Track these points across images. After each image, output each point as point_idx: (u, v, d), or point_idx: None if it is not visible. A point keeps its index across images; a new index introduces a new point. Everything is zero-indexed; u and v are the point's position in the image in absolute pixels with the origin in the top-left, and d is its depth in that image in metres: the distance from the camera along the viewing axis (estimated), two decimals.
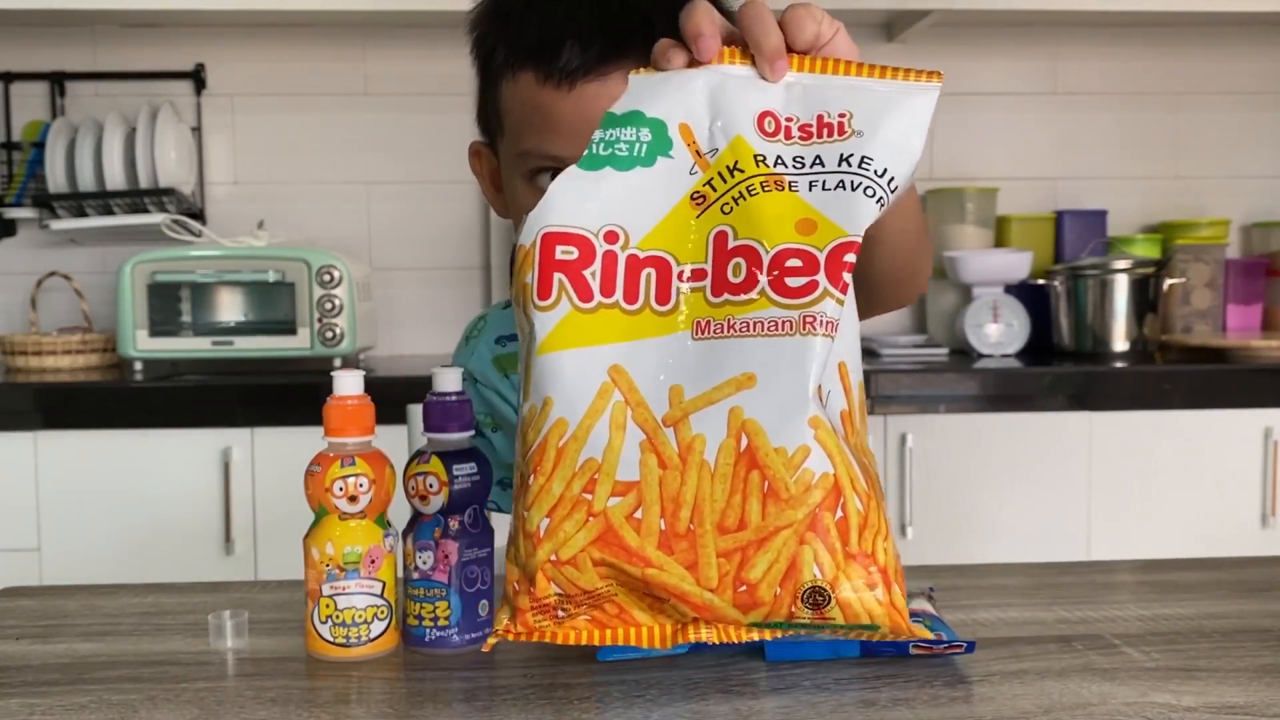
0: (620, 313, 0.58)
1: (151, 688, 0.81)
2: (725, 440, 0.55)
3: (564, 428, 0.57)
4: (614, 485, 0.56)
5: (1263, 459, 2.11)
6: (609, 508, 0.56)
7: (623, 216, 0.59)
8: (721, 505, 0.56)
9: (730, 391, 0.55)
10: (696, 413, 0.56)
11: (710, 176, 0.60)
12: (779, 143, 0.60)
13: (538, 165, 0.90)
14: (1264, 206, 2.72)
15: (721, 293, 0.58)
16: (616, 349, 0.57)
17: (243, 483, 2.02)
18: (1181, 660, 0.85)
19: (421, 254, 2.61)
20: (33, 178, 2.51)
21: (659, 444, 0.55)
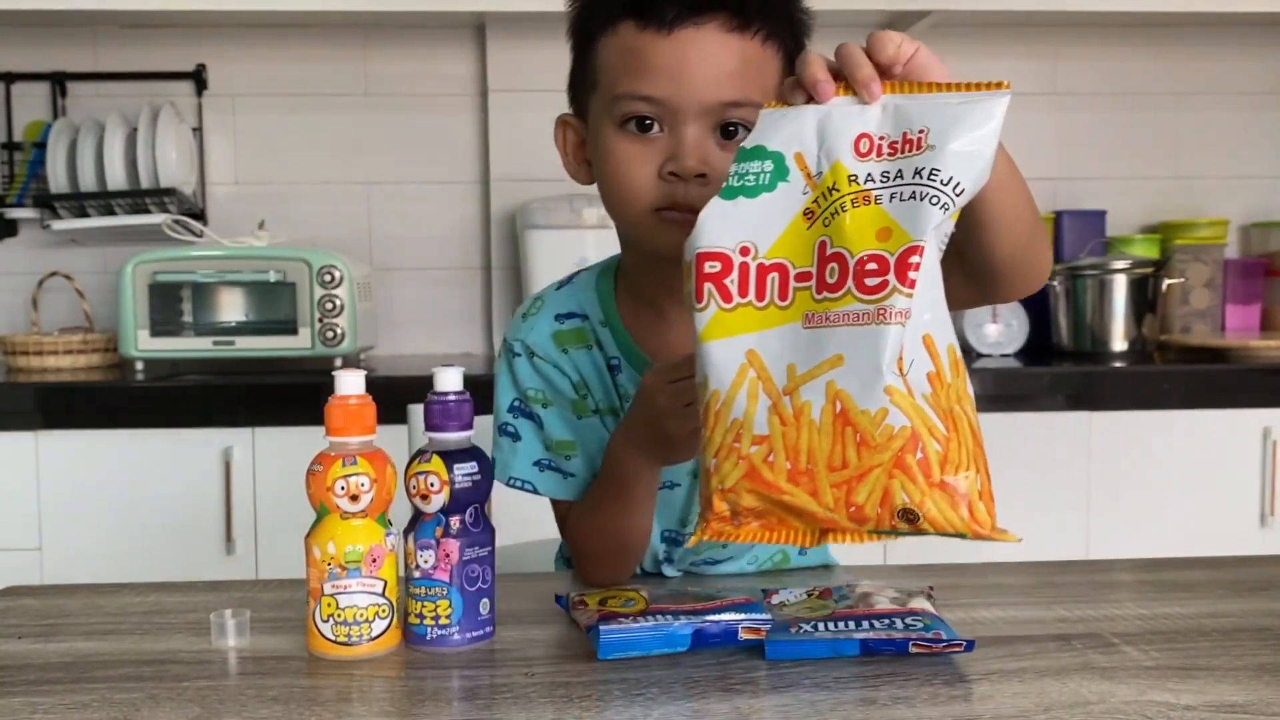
0: (753, 309, 0.74)
1: (153, 686, 0.81)
2: (825, 405, 0.72)
3: (717, 397, 0.74)
4: (753, 438, 0.73)
5: (1261, 459, 2.11)
6: (751, 454, 0.73)
7: (753, 234, 0.75)
8: (827, 451, 0.72)
9: (826, 369, 0.72)
10: (804, 385, 0.72)
11: (817, 195, 0.74)
12: (871, 161, 0.73)
13: (629, 111, 0.95)
14: (1263, 207, 2.72)
15: (822, 291, 0.73)
16: (750, 337, 0.74)
17: (244, 482, 2.02)
18: (1180, 659, 0.85)
19: (422, 254, 2.61)
20: (34, 178, 2.51)
21: (780, 408, 0.73)
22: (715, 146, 0.95)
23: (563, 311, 1.08)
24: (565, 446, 1.08)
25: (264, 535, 2.03)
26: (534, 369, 1.08)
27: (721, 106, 0.94)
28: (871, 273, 0.71)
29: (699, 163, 0.94)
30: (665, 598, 0.91)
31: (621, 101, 0.96)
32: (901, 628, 0.85)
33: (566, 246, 2.32)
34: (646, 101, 0.95)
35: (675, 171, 0.94)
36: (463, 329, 2.63)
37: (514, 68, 2.53)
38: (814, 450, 0.72)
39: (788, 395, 0.73)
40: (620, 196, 0.98)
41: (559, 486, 1.09)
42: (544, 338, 1.08)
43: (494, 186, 2.56)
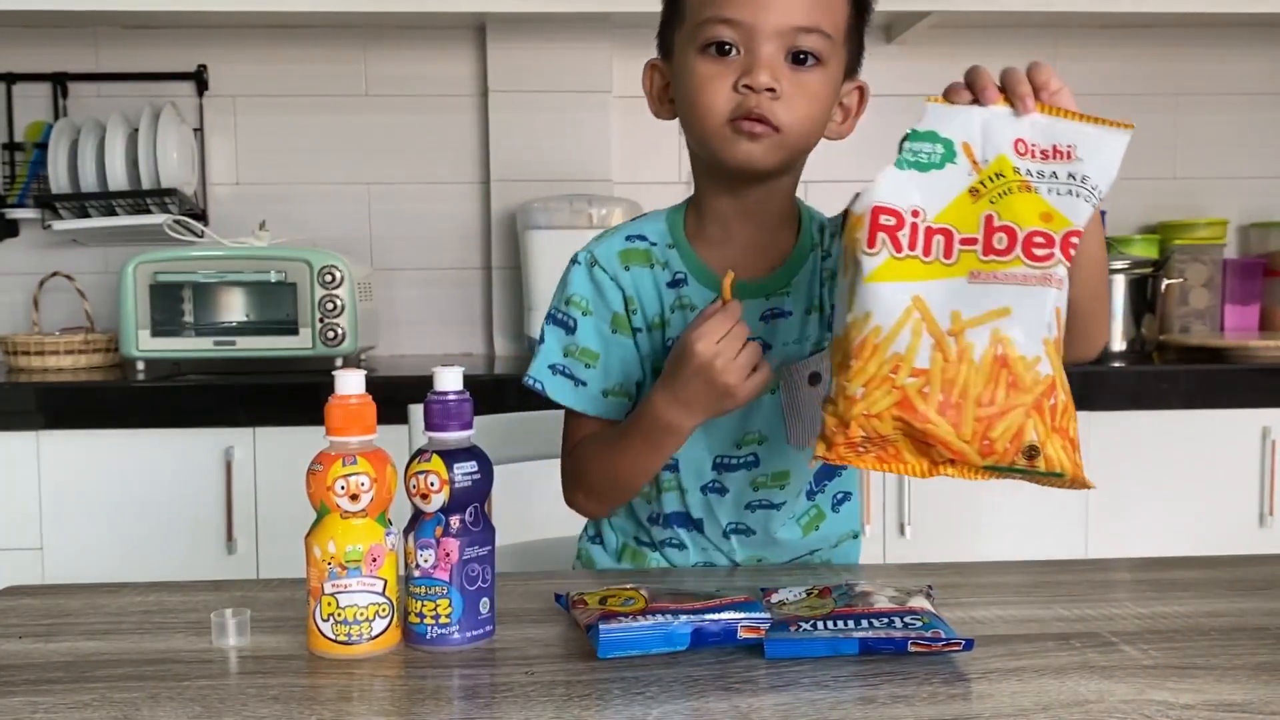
0: (919, 262, 0.87)
1: (154, 686, 0.81)
2: (987, 348, 0.85)
3: (879, 332, 0.86)
4: (911, 369, 0.85)
5: (1260, 458, 2.11)
6: (906, 384, 0.85)
7: (923, 201, 0.89)
8: (979, 390, 0.85)
9: (994, 318, 0.86)
10: (970, 328, 0.85)
11: (983, 178, 0.89)
12: (1028, 160, 0.89)
13: (711, 35, 1.04)
14: (1261, 207, 2.73)
15: (989, 254, 0.87)
16: (917, 285, 0.87)
17: (245, 482, 2.02)
18: (1179, 658, 0.85)
19: (422, 254, 2.61)
20: (35, 178, 2.51)
21: (944, 346, 0.85)
22: (786, 68, 1.04)
23: (634, 234, 1.16)
24: (587, 355, 1.14)
25: (264, 535, 2.03)
26: (589, 277, 1.15)
27: (793, 31, 1.03)
28: (1039, 244, 0.86)
29: (770, 78, 1.03)
30: (665, 596, 0.91)
31: (705, 26, 1.05)
32: (900, 627, 0.85)
33: (566, 246, 2.29)
34: (727, 24, 1.04)
35: (749, 84, 1.03)
36: (463, 329, 2.64)
37: (514, 68, 2.53)
38: (968, 386, 0.85)
39: (953, 336, 0.85)
40: (699, 111, 1.06)
41: (567, 392, 1.15)
42: (611, 252, 1.15)
43: (494, 187, 2.56)
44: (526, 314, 2.40)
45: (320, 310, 2.16)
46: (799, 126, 1.05)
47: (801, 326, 1.13)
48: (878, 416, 0.85)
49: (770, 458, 1.15)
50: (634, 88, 2.61)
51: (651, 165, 2.61)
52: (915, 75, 2.64)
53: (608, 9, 2.36)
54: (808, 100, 1.04)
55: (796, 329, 1.13)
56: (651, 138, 2.60)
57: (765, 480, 1.15)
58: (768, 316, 1.13)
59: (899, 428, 0.85)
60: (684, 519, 1.17)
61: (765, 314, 1.12)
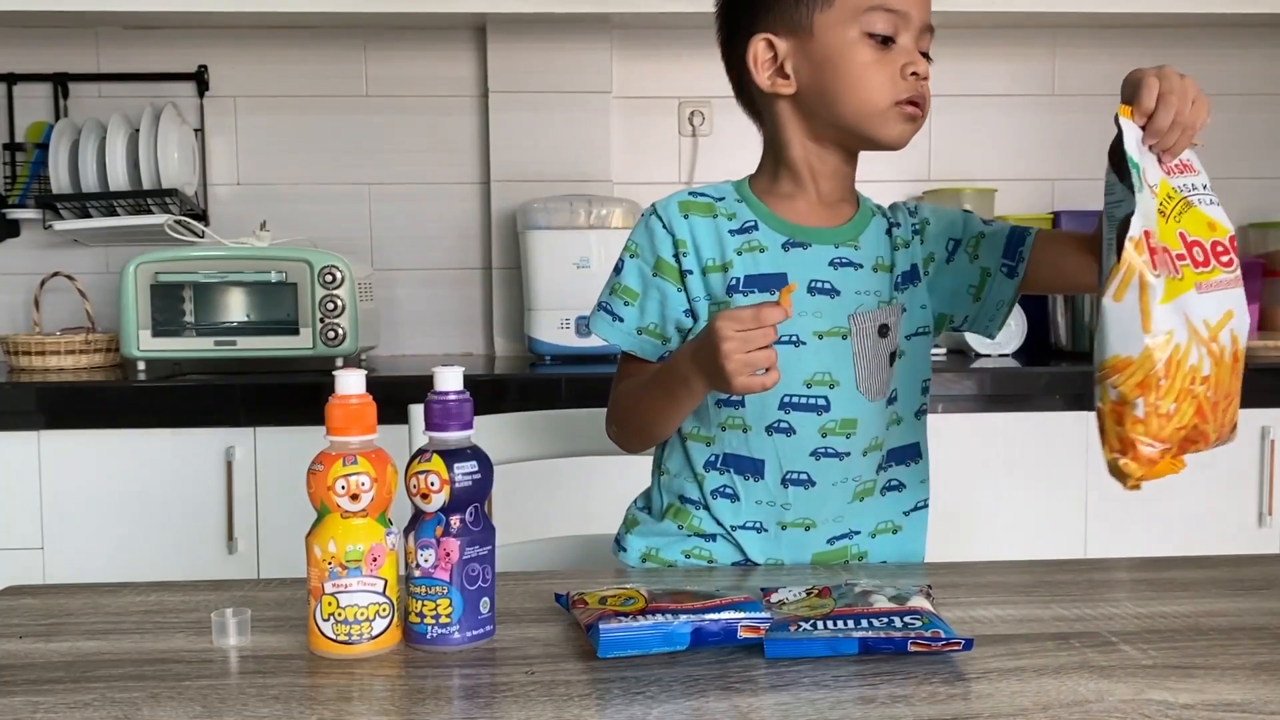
0: (1171, 280, 0.93)
1: (154, 685, 0.81)
2: (1230, 348, 0.96)
3: (1179, 350, 0.92)
4: (1201, 378, 0.93)
5: (1259, 458, 2.11)
6: (1199, 392, 0.93)
7: (1147, 224, 0.93)
8: (1228, 384, 0.96)
9: (1227, 320, 0.95)
10: (1219, 333, 0.95)
11: (1160, 200, 0.95)
12: (1173, 177, 0.97)
13: (877, 23, 1.14)
14: (1261, 207, 2.73)
15: (1198, 266, 0.94)
16: (1178, 301, 0.93)
17: (245, 482, 2.02)
18: (1178, 658, 0.85)
19: (423, 254, 2.62)
20: (36, 179, 2.52)
21: (1214, 353, 0.94)
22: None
23: (699, 192, 1.23)
24: (628, 294, 1.21)
25: (265, 534, 2.03)
26: (646, 226, 1.22)
27: (926, 27, 1.16)
28: (1221, 252, 0.95)
29: (925, 70, 1.15)
30: (664, 596, 0.91)
31: (871, 14, 1.14)
32: (900, 626, 0.85)
33: (566, 246, 2.32)
34: (892, 14, 1.14)
35: (917, 71, 1.14)
36: (463, 329, 2.64)
37: (514, 68, 2.53)
38: (1221, 383, 0.94)
39: (1213, 342, 0.93)
40: (864, 92, 1.14)
41: (606, 325, 1.22)
42: (673, 204, 1.21)
43: (494, 187, 2.56)
44: (526, 314, 2.40)
45: (321, 310, 2.16)
46: (928, 112, 1.17)
47: (870, 280, 1.19)
48: (1182, 427, 0.93)
49: (840, 404, 1.17)
50: (634, 88, 2.63)
51: (651, 165, 2.61)
52: None
53: (608, 9, 2.36)
54: (927, 87, 1.16)
55: (865, 281, 1.19)
56: (651, 138, 2.61)
57: (834, 427, 1.17)
58: (836, 263, 1.18)
59: (1187, 434, 0.94)
60: (744, 462, 1.18)
61: (834, 261, 1.19)
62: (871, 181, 1.30)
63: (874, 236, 1.21)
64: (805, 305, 1.16)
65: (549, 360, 2.35)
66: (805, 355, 1.16)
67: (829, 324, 1.16)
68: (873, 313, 1.18)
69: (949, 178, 2.63)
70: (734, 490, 1.19)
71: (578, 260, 2.32)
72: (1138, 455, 0.91)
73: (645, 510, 1.26)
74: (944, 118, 2.66)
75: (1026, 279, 1.21)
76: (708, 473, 1.20)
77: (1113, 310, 0.91)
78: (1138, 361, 0.91)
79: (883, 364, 1.18)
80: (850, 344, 1.17)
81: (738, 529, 1.18)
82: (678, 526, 1.21)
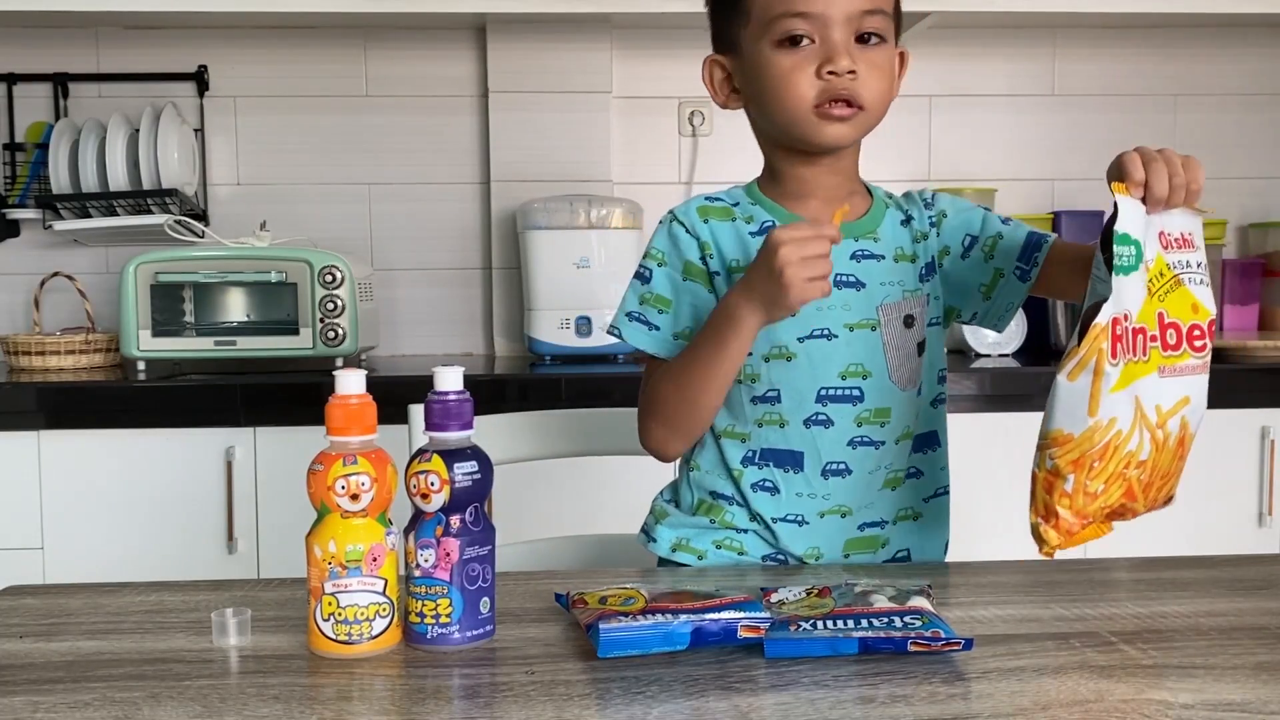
0: (1134, 363, 0.93)
1: (154, 685, 0.81)
2: (1177, 433, 0.96)
3: (1120, 435, 0.94)
4: (1137, 463, 0.94)
5: (1259, 458, 2.11)
6: (1131, 476, 0.95)
7: (1128, 304, 0.94)
8: (1165, 466, 0.97)
9: (1181, 407, 0.95)
10: (1170, 419, 0.94)
11: (1152, 276, 0.95)
12: (1170, 252, 0.96)
13: (786, 28, 1.12)
14: (1260, 207, 2.73)
15: (1167, 349, 0.95)
16: (1134, 385, 0.93)
17: (245, 481, 2.02)
18: (1178, 658, 0.85)
19: (423, 254, 2.62)
20: (36, 179, 2.52)
21: (1156, 439, 0.94)
22: (856, 49, 1.12)
23: (714, 197, 1.24)
24: (660, 302, 1.20)
25: (265, 534, 2.03)
26: (669, 233, 1.21)
27: (860, 15, 1.12)
28: (1196, 336, 0.96)
29: (850, 62, 1.11)
30: (664, 596, 0.91)
31: (779, 21, 1.12)
32: (900, 626, 0.85)
33: (566, 246, 2.32)
34: (800, 17, 1.11)
35: (833, 70, 1.11)
36: (463, 329, 2.64)
37: (514, 69, 2.53)
38: (1159, 467, 0.95)
39: (1160, 429, 0.94)
40: (785, 101, 1.13)
41: (642, 335, 1.20)
42: (692, 209, 1.22)
43: (494, 187, 2.56)
44: (526, 314, 2.40)
45: (321, 310, 2.16)
46: (878, 101, 1.14)
47: (893, 271, 1.19)
48: (1106, 506, 0.96)
49: (873, 393, 1.18)
50: (634, 88, 2.63)
51: (651, 165, 2.61)
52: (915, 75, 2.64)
53: (608, 9, 2.36)
54: (880, 76, 1.13)
55: (888, 272, 1.19)
56: (651, 138, 2.61)
57: (869, 416, 1.18)
58: (858, 256, 1.19)
59: (1113, 511, 0.97)
60: (783, 456, 1.18)
61: (856, 254, 1.19)
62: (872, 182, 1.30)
63: (891, 228, 1.21)
64: (834, 299, 1.16)
65: (549, 360, 2.35)
66: (838, 348, 1.17)
67: (858, 316, 1.17)
68: (899, 303, 1.19)
69: (949, 178, 2.63)
70: (774, 484, 1.19)
71: (578, 260, 2.31)
72: (1058, 525, 0.95)
73: (673, 503, 1.26)
74: (944, 118, 2.66)
75: (1038, 284, 1.22)
76: (745, 468, 1.20)
77: (1064, 388, 0.94)
78: (1078, 440, 0.94)
79: (911, 353, 1.20)
80: (880, 335, 1.18)
81: (778, 521, 1.19)
82: (710, 521, 1.21)
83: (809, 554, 1.19)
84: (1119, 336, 0.93)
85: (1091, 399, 0.93)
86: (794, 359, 1.17)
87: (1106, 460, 0.94)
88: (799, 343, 1.17)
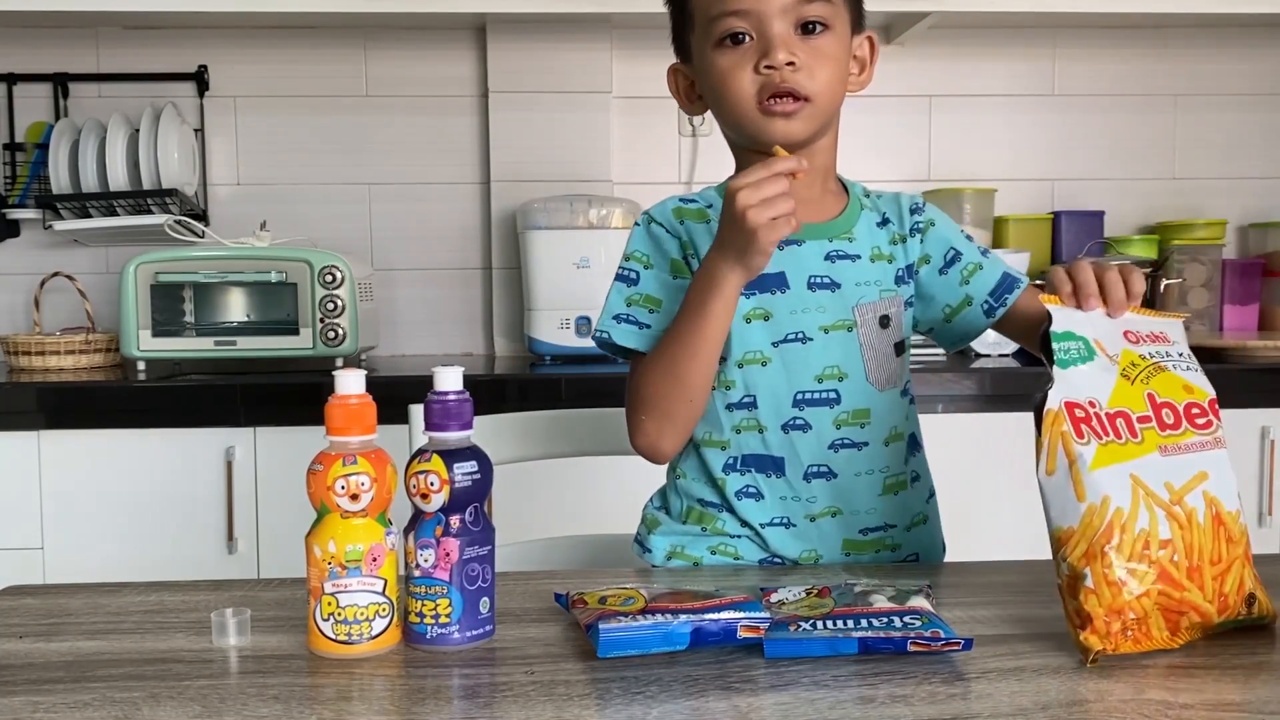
0: (1117, 445, 0.92)
1: (154, 685, 0.81)
2: (1205, 509, 0.91)
3: (1121, 514, 0.89)
4: (1160, 542, 0.89)
5: (1259, 458, 2.11)
6: (1159, 557, 0.89)
7: (1092, 392, 0.94)
8: (1209, 549, 0.90)
9: (1199, 482, 0.92)
10: (1188, 495, 0.91)
11: (1124, 366, 0.96)
12: (1140, 345, 0.98)
13: (723, 28, 1.11)
14: (1260, 207, 2.73)
15: (1165, 429, 0.94)
16: (1128, 464, 0.91)
17: (245, 481, 2.02)
18: (1178, 658, 0.86)
19: (423, 254, 2.62)
20: (36, 179, 2.52)
21: (1175, 515, 0.90)
22: (798, 40, 1.11)
23: (688, 199, 1.23)
24: (650, 301, 1.19)
25: (265, 534, 2.03)
26: (648, 234, 1.21)
27: (796, 5, 1.10)
28: (1197, 414, 0.96)
29: (787, 53, 1.09)
30: (664, 596, 0.91)
31: (715, 22, 1.12)
32: (900, 626, 0.85)
33: (566, 246, 2.32)
34: (735, 15, 1.11)
35: (769, 64, 1.09)
36: (463, 329, 2.64)
37: (514, 68, 2.53)
38: (1201, 549, 0.90)
39: (1176, 505, 0.90)
40: (728, 100, 1.13)
41: (633, 336, 1.18)
42: (667, 210, 1.22)
43: (494, 187, 2.56)
44: (526, 314, 2.40)
45: (321, 310, 2.16)
46: (825, 91, 1.12)
47: (869, 271, 1.19)
48: (1146, 594, 0.88)
49: (851, 395, 1.17)
50: (634, 88, 2.63)
51: (651, 165, 2.61)
52: (915, 75, 2.65)
53: (608, 9, 2.36)
54: (825, 64, 1.11)
55: (864, 273, 1.18)
56: (651, 138, 2.61)
57: (847, 418, 1.17)
58: (832, 256, 1.18)
59: (1159, 603, 0.88)
60: (764, 461, 1.18)
61: (830, 254, 1.18)
62: (871, 182, 1.30)
63: (866, 227, 1.21)
64: (808, 301, 1.16)
65: (549, 360, 2.35)
66: (814, 350, 1.16)
67: (833, 317, 1.17)
68: (875, 304, 1.18)
69: (949, 178, 2.63)
70: (758, 489, 1.19)
71: (578, 260, 2.32)
72: (1094, 628, 0.86)
73: (663, 510, 1.26)
74: (944, 118, 2.66)
75: (999, 323, 1.24)
76: (728, 475, 1.19)
77: (1048, 484, 0.92)
78: (1079, 529, 0.89)
79: (889, 354, 1.19)
80: (856, 335, 1.18)
81: (766, 526, 1.18)
82: (702, 529, 1.21)
83: (805, 557, 1.19)
84: (1083, 419, 0.92)
85: (1074, 483, 0.91)
86: (769, 364, 1.16)
87: (1118, 543, 0.88)
88: (774, 347, 1.16)
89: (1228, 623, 0.90)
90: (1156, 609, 0.88)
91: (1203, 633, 0.90)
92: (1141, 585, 0.87)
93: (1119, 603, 0.86)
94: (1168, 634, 0.88)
